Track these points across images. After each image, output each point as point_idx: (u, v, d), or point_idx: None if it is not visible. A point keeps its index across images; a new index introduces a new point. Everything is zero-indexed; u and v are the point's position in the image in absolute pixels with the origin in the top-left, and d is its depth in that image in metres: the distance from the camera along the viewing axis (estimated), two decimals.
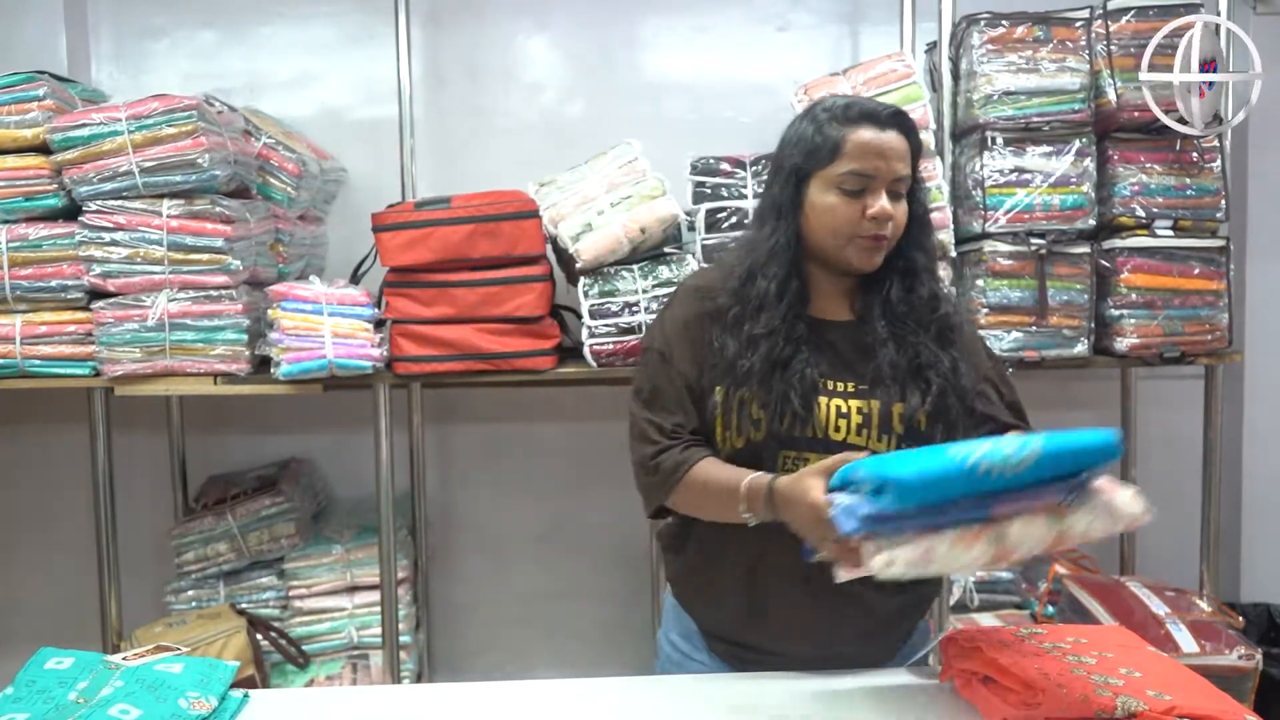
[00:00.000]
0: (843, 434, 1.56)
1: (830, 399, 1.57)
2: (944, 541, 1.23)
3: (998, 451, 1.22)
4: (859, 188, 1.57)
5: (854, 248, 1.59)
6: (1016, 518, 1.25)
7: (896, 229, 1.59)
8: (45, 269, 2.52)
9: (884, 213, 1.56)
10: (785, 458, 1.56)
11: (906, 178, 1.60)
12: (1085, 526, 1.25)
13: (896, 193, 1.59)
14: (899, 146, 1.58)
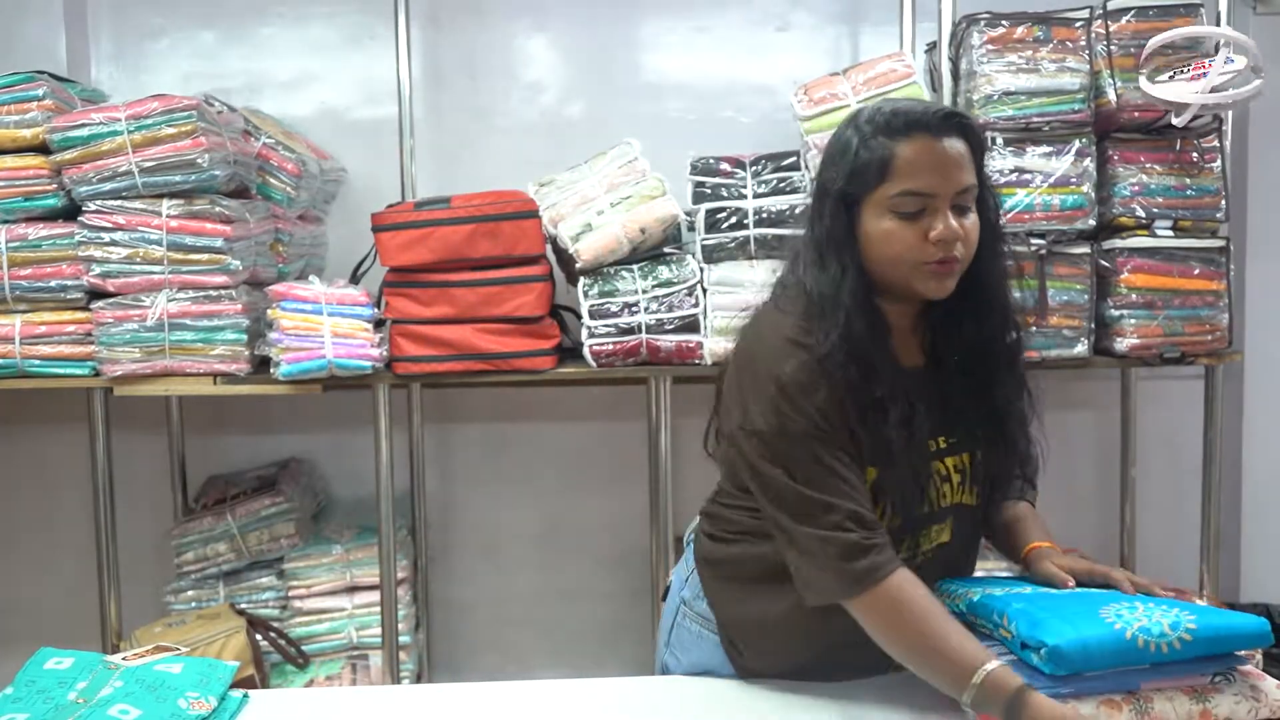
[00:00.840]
0: (949, 498, 1.44)
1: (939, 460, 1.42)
2: (1088, 706, 1.24)
3: (1156, 625, 1.24)
4: (918, 209, 1.36)
5: (921, 275, 1.37)
6: (1161, 693, 1.25)
7: (968, 247, 1.38)
8: (45, 269, 2.52)
9: (950, 233, 1.35)
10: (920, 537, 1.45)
11: (972, 188, 1.38)
12: (1229, 709, 1.25)
13: (963, 206, 1.37)
14: (958, 153, 1.36)
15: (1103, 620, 1.25)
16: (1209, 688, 1.27)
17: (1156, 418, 3.26)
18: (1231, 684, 1.27)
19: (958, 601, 1.40)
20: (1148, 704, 1.25)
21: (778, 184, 2.65)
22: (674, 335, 2.59)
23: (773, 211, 2.62)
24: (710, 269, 2.63)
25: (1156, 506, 3.25)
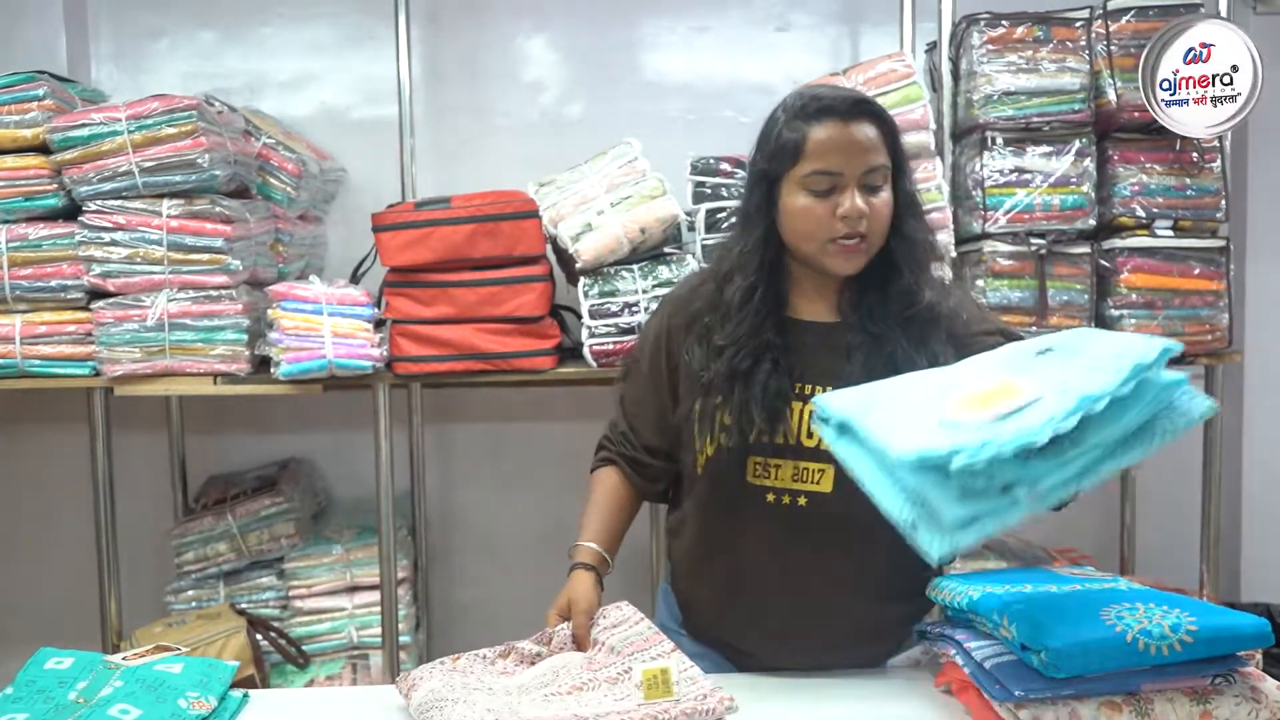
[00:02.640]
0: (816, 440, 1.51)
1: (806, 404, 1.51)
2: (1088, 707, 1.24)
3: (1156, 627, 1.23)
4: (828, 187, 1.50)
5: (831, 251, 1.52)
6: (1161, 694, 1.25)
7: (877, 224, 1.51)
8: (45, 269, 2.52)
9: (856, 211, 1.48)
10: (754, 464, 1.55)
11: (882, 167, 1.51)
12: (1229, 711, 1.25)
13: (872, 185, 1.50)
14: (866, 137, 1.50)
15: (1103, 622, 1.25)
16: (1209, 689, 1.27)
17: None
18: (1232, 685, 1.27)
19: (958, 599, 1.40)
20: (1148, 705, 1.25)
21: None
22: None
23: None
24: None
25: (1156, 506, 3.25)
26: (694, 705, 1.29)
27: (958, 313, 1.60)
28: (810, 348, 1.57)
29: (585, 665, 1.42)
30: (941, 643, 1.43)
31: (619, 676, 1.37)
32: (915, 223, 1.56)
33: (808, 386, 1.54)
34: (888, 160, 1.52)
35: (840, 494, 1.51)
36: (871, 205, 1.50)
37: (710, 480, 1.59)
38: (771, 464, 1.54)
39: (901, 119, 2.56)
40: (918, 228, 1.57)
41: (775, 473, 1.54)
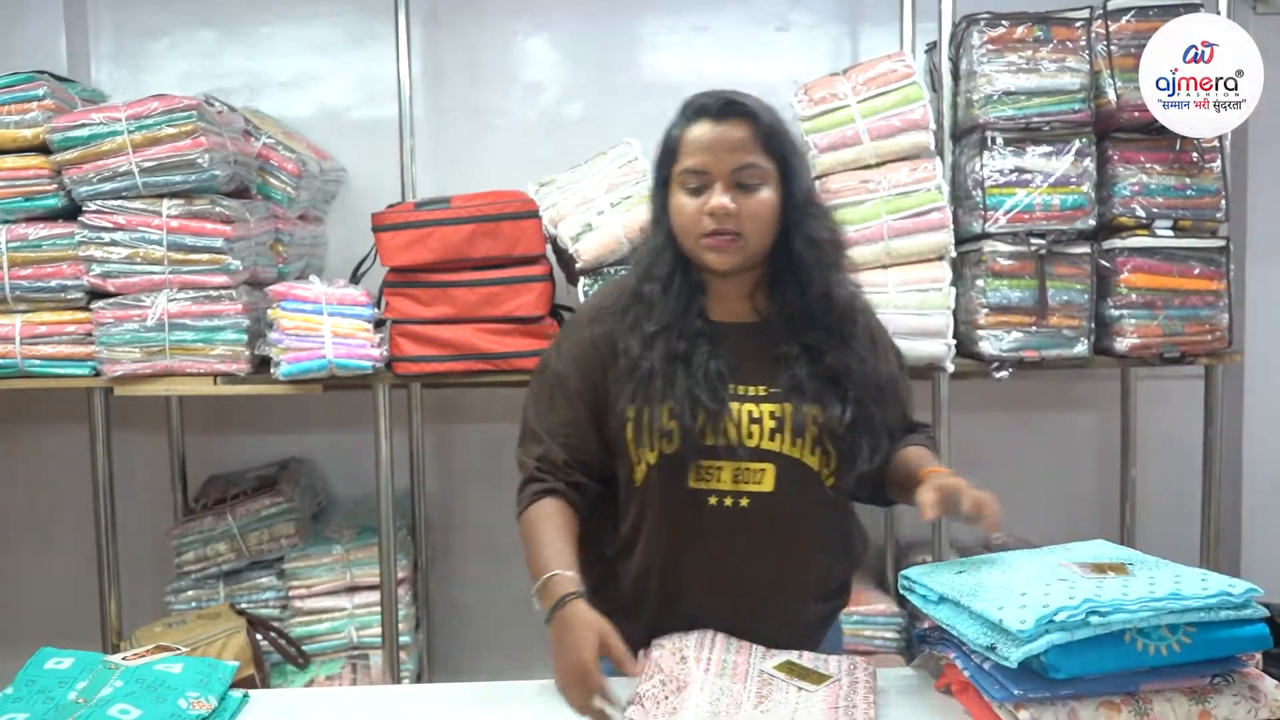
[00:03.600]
0: (756, 440, 1.53)
1: (743, 404, 1.53)
2: (1088, 708, 1.24)
3: (1155, 629, 1.24)
4: (699, 184, 1.53)
5: (704, 247, 1.54)
6: (1160, 694, 1.26)
7: (749, 222, 1.52)
8: (45, 269, 2.52)
9: (718, 208, 1.51)
10: (700, 468, 1.54)
11: (751, 166, 1.53)
12: (1228, 711, 1.25)
13: (744, 184, 1.52)
14: (734, 136, 1.53)
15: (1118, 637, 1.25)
16: (1208, 689, 1.27)
17: (1156, 417, 3.26)
18: (1231, 685, 1.27)
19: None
20: (1147, 705, 1.25)
21: None
22: None
23: None
24: None
25: (1156, 506, 3.25)
26: (860, 676, 1.42)
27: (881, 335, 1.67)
28: (734, 348, 1.58)
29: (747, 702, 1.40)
30: (941, 646, 1.43)
31: (767, 693, 1.39)
32: (815, 222, 1.58)
33: (740, 386, 1.55)
34: (764, 160, 1.54)
35: (780, 493, 1.54)
36: (742, 203, 1.52)
37: (653, 489, 1.57)
38: (713, 467, 1.54)
39: (901, 119, 2.57)
40: (818, 227, 1.58)
41: (717, 475, 1.54)
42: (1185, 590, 1.25)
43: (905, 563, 3.03)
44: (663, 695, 1.36)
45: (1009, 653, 1.23)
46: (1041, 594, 1.26)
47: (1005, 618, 1.25)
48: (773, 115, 1.59)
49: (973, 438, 3.14)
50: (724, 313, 1.61)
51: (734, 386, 1.55)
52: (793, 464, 1.54)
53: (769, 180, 1.54)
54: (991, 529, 1.42)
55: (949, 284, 2.60)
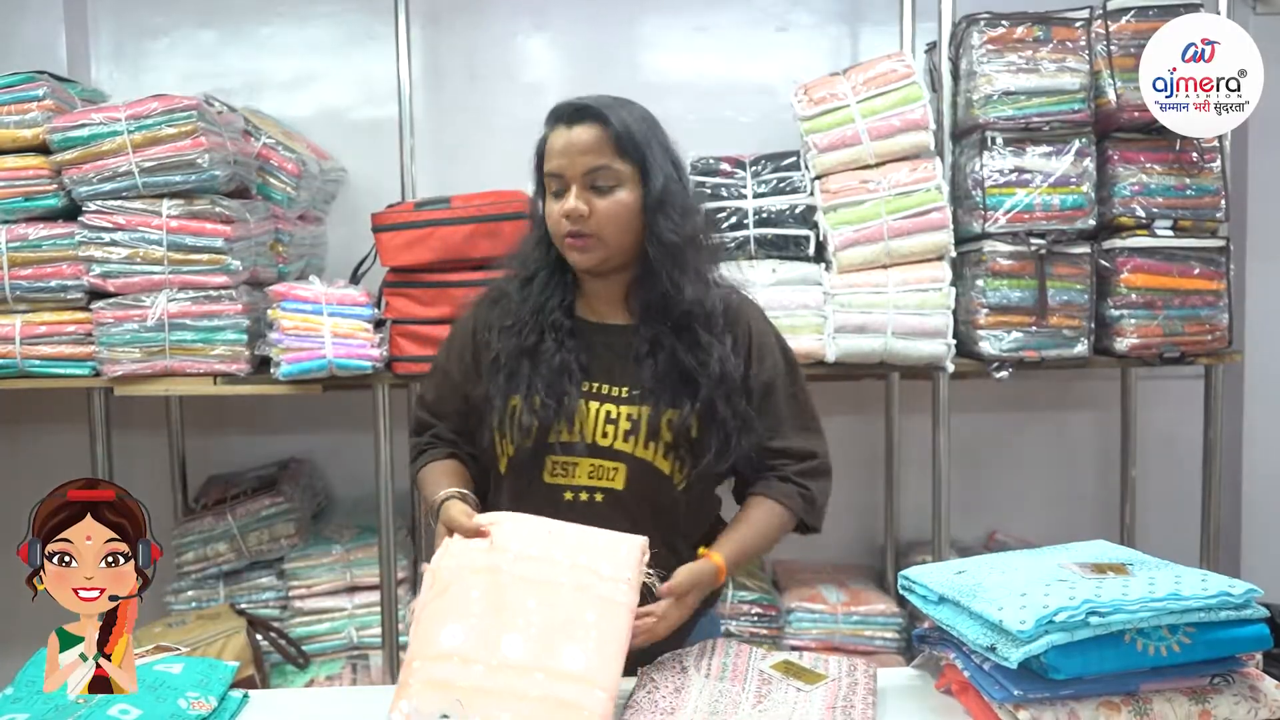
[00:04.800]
0: (610, 439, 1.56)
1: (602, 404, 1.57)
2: (1087, 708, 1.24)
3: (1155, 630, 1.24)
4: (558, 188, 1.59)
5: (566, 247, 1.59)
6: (1160, 694, 1.26)
7: (602, 223, 1.56)
8: (45, 269, 2.51)
9: (570, 210, 1.56)
10: (552, 463, 1.58)
11: (602, 169, 1.57)
12: (1228, 711, 1.26)
13: (598, 186, 1.57)
14: (583, 139, 1.58)
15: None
16: (1208, 689, 1.27)
17: (1156, 418, 3.26)
18: (1231, 685, 1.27)
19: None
20: (1147, 705, 1.25)
21: (778, 184, 2.65)
22: None
23: (773, 211, 2.62)
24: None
25: (1156, 506, 3.25)
26: (859, 678, 1.43)
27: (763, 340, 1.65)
28: (600, 347, 1.62)
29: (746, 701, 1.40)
30: (941, 646, 1.43)
31: (766, 692, 1.39)
32: (668, 223, 1.58)
33: (601, 386, 1.59)
34: (618, 163, 1.57)
35: (631, 491, 1.57)
36: (594, 205, 1.56)
37: (512, 481, 1.62)
38: (568, 463, 1.58)
39: (901, 119, 2.57)
40: (672, 227, 1.59)
41: (573, 471, 1.58)
42: (1185, 590, 1.25)
43: (905, 563, 3.03)
44: (659, 697, 1.36)
45: (1009, 653, 1.23)
46: (1041, 594, 1.26)
47: (1005, 618, 1.25)
48: (630, 118, 1.62)
49: (973, 438, 3.14)
50: (597, 313, 1.66)
51: (594, 385, 1.59)
52: (643, 465, 1.57)
53: (625, 182, 1.58)
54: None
55: (949, 284, 2.60)
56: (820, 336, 2.60)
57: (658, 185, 1.58)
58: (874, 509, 3.29)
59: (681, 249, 1.59)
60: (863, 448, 3.29)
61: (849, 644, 2.85)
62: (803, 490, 1.64)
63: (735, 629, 2.84)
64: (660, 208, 1.58)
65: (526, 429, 1.57)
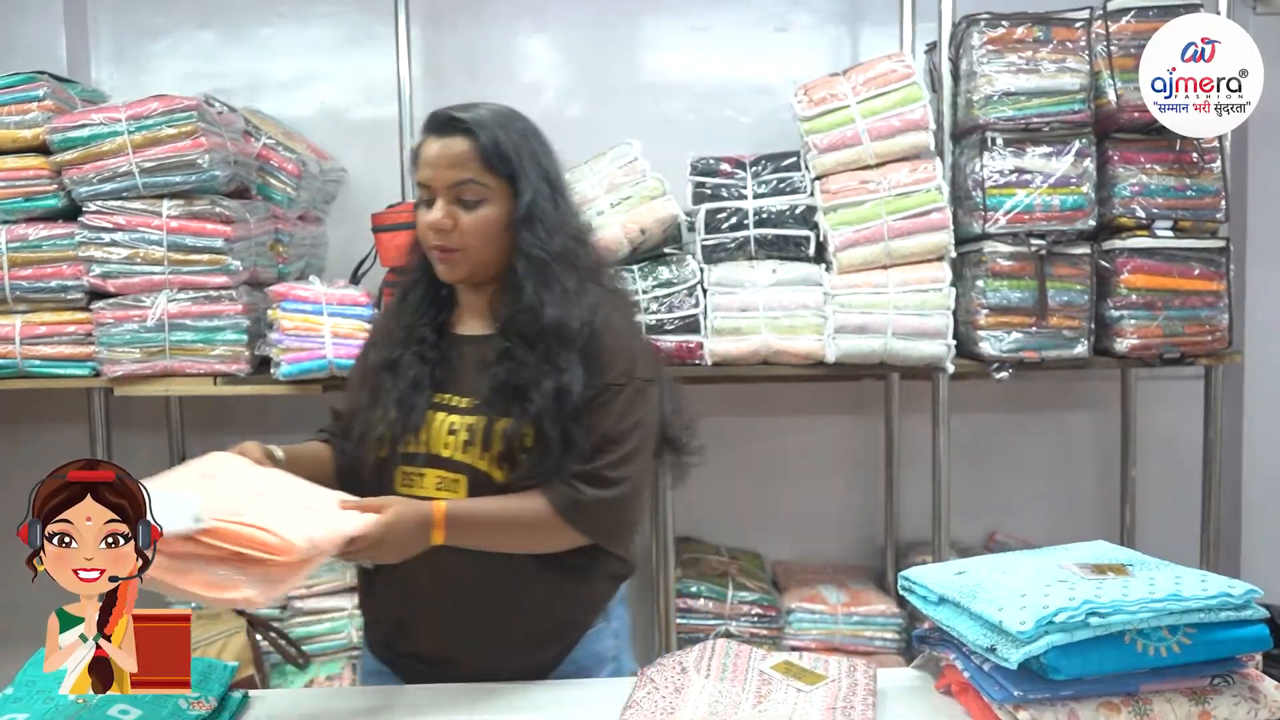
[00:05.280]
0: (450, 450, 1.56)
1: (448, 415, 1.57)
2: (1087, 709, 1.24)
3: (1155, 630, 1.24)
4: (427, 198, 1.57)
5: (433, 259, 1.59)
6: (1160, 695, 1.26)
7: (467, 237, 1.55)
8: (45, 269, 2.52)
9: (434, 222, 1.54)
10: (403, 474, 1.59)
11: (469, 183, 1.54)
12: (1228, 711, 1.25)
13: (464, 200, 1.54)
14: (451, 152, 1.54)
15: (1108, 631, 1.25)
16: (1208, 689, 1.27)
17: (1156, 418, 3.26)
18: (1230, 686, 1.27)
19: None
20: (1147, 706, 1.25)
21: (778, 184, 2.65)
22: (674, 335, 2.59)
23: (773, 212, 2.62)
24: (710, 269, 2.63)
25: (1156, 507, 3.25)
26: (859, 678, 1.43)
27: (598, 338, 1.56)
28: (461, 359, 1.62)
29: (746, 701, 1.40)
30: (941, 646, 1.43)
31: (766, 693, 1.39)
32: (535, 240, 1.56)
33: (449, 397, 1.59)
34: (485, 177, 1.54)
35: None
36: (459, 218, 1.55)
37: (374, 491, 1.57)
38: (416, 474, 1.58)
39: (901, 119, 2.57)
40: (539, 244, 1.56)
41: (420, 482, 1.58)
42: (1185, 591, 1.25)
43: (905, 563, 3.03)
44: (659, 698, 1.36)
45: (1009, 654, 1.23)
46: (1041, 595, 1.26)
47: (1005, 619, 1.25)
48: (503, 132, 1.56)
49: (973, 439, 3.14)
50: (466, 324, 1.65)
51: (443, 397, 1.59)
52: (481, 475, 1.55)
53: (493, 197, 1.55)
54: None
55: (949, 284, 2.60)
56: (820, 337, 2.60)
57: (526, 201, 1.56)
58: (874, 510, 3.29)
59: (548, 265, 1.56)
60: (863, 448, 3.29)
61: (849, 644, 2.85)
62: (574, 491, 1.52)
63: (735, 629, 2.84)
64: (528, 224, 1.56)
65: (380, 440, 1.58)
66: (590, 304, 1.58)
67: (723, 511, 3.25)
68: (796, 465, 3.31)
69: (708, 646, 1.52)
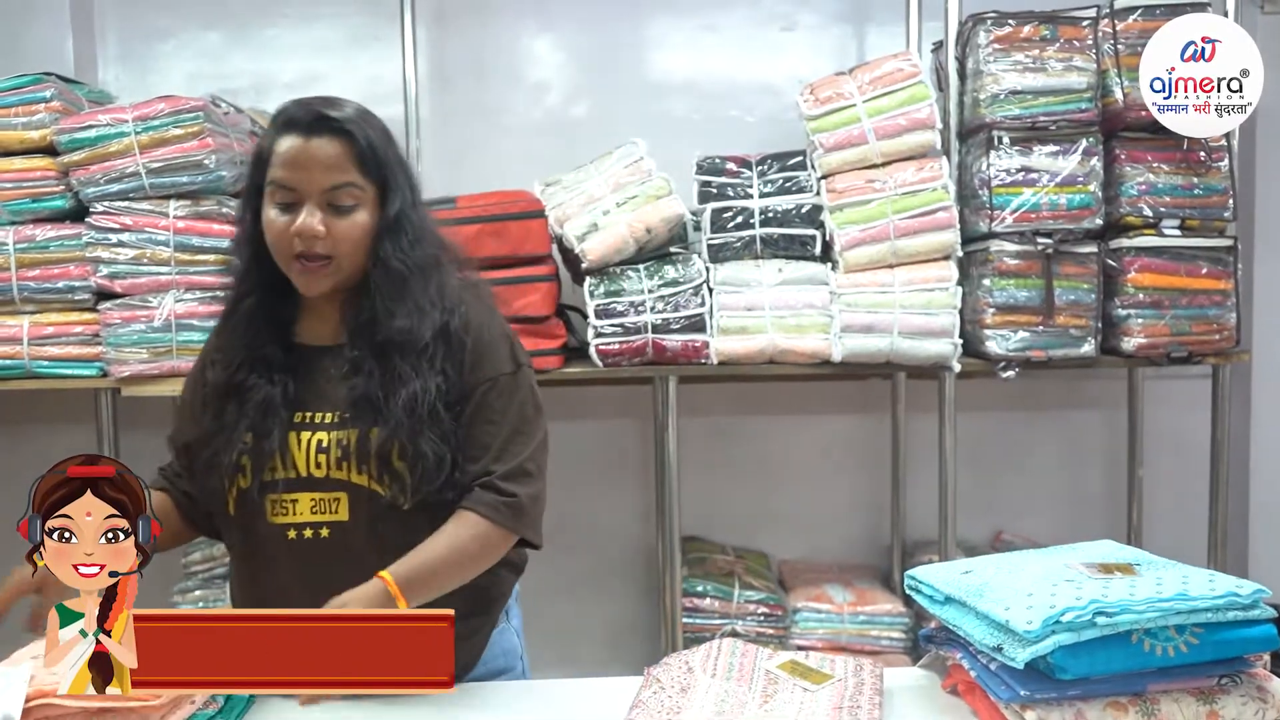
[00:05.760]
0: (325, 470, 1.45)
1: (314, 433, 1.46)
2: (1094, 708, 1.24)
3: (1163, 630, 1.23)
4: (289, 201, 1.42)
5: (294, 270, 1.44)
6: (1168, 694, 1.25)
7: (341, 245, 1.43)
8: (52, 270, 2.52)
9: (306, 229, 1.40)
10: (272, 502, 1.47)
11: (345, 186, 1.43)
12: (1236, 711, 1.25)
13: (338, 205, 1.43)
14: (325, 154, 1.43)
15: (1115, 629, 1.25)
16: (1216, 689, 1.26)
17: (1163, 417, 3.26)
18: (1238, 685, 1.26)
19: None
20: (1154, 706, 1.24)
21: (784, 183, 2.65)
22: (680, 335, 2.59)
23: (779, 211, 2.62)
24: (716, 268, 2.63)
25: (1163, 506, 3.24)
26: (866, 678, 1.41)
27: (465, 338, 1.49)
28: (313, 373, 1.50)
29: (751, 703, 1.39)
30: (947, 646, 1.43)
31: (772, 692, 1.38)
32: (397, 251, 1.46)
33: (312, 414, 1.48)
34: (360, 180, 1.45)
35: (356, 521, 1.46)
36: (334, 226, 1.43)
37: (241, 524, 1.51)
38: (288, 500, 1.46)
39: (908, 118, 2.57)
40: (401, 256, 1.46)
41: (293, 508, 1.47)
42: (1192, 591, 1.25)
43: (911, 562, 3.03)
44: (665, 698, 1.36)
45: (1015, 653, 1.23)
46: (1048, 594, 1.26)
47: (1012, 618, 1.24)
48: (373, 130, 1.49)
49: (979, 438, 3.13)
50: (313, 334, 1.53)
51: (305, 415, 1.48)
52: (363, 491, 1.46)
53: (365, 201, 1.46)
54: None
55: (955, 283, 2.60)
56: (827, 336, 2.60)
57: (394, 208, 1.47)
58: (880, 509, 3.29)
59: (405, 278, 1.46)
60: (869, 447, 3.28)
61: (855, 644, 2.85)
62: (507, 497, 1.46)
63: (741, 629, 2.83)
64: (393, 233, 1.46)
65: (241, 469, 1.46)
66: (448, 308, 1.49)
67: (729, 511, 3.25)
68: (802, 464, 3.31)
69: (714, 646, 1.52)
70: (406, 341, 1.45)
